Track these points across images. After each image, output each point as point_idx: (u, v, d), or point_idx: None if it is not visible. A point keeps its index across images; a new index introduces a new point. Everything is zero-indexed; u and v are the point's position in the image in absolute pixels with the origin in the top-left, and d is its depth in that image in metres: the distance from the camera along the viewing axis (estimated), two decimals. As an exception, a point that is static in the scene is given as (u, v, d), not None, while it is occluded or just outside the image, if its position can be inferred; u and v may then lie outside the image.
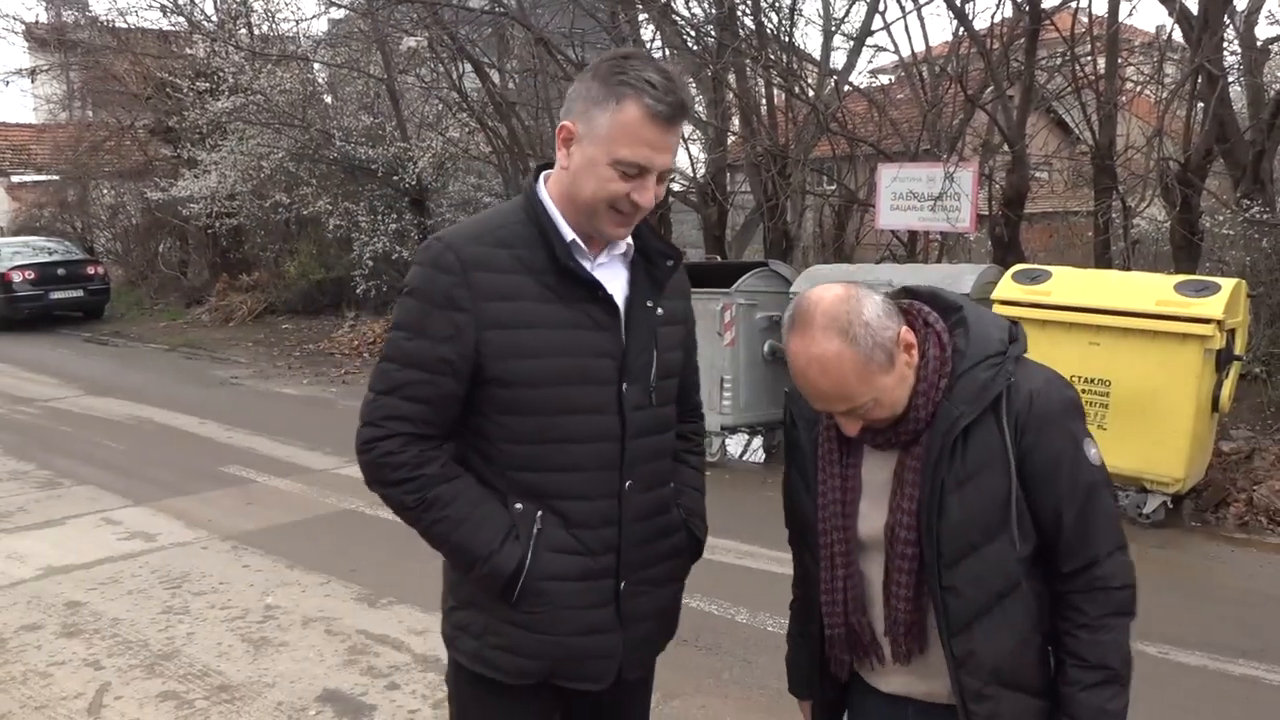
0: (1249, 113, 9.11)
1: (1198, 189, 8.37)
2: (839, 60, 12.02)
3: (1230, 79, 8.85)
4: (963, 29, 9.11)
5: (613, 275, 1.87)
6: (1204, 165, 8.50)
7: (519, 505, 1.82)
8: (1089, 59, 9.19)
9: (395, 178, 13.80)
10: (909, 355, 1.67)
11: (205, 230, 17.18)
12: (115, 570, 5.39)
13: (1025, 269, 6.33)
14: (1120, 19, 8.64)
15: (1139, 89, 10.22)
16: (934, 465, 1.66)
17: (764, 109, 11.21)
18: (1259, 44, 8.98)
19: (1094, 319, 5.68)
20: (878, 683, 1.83)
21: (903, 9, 12.25)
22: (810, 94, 10.80)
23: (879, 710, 1.84)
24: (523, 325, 1.77)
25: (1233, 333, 5.61)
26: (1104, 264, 8.46)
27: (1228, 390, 5.69)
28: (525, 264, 1.79)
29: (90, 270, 17.71)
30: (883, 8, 11.00)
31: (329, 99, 16.00)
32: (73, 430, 9.01)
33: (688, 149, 12.64)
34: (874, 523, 1.74)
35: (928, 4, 23.34)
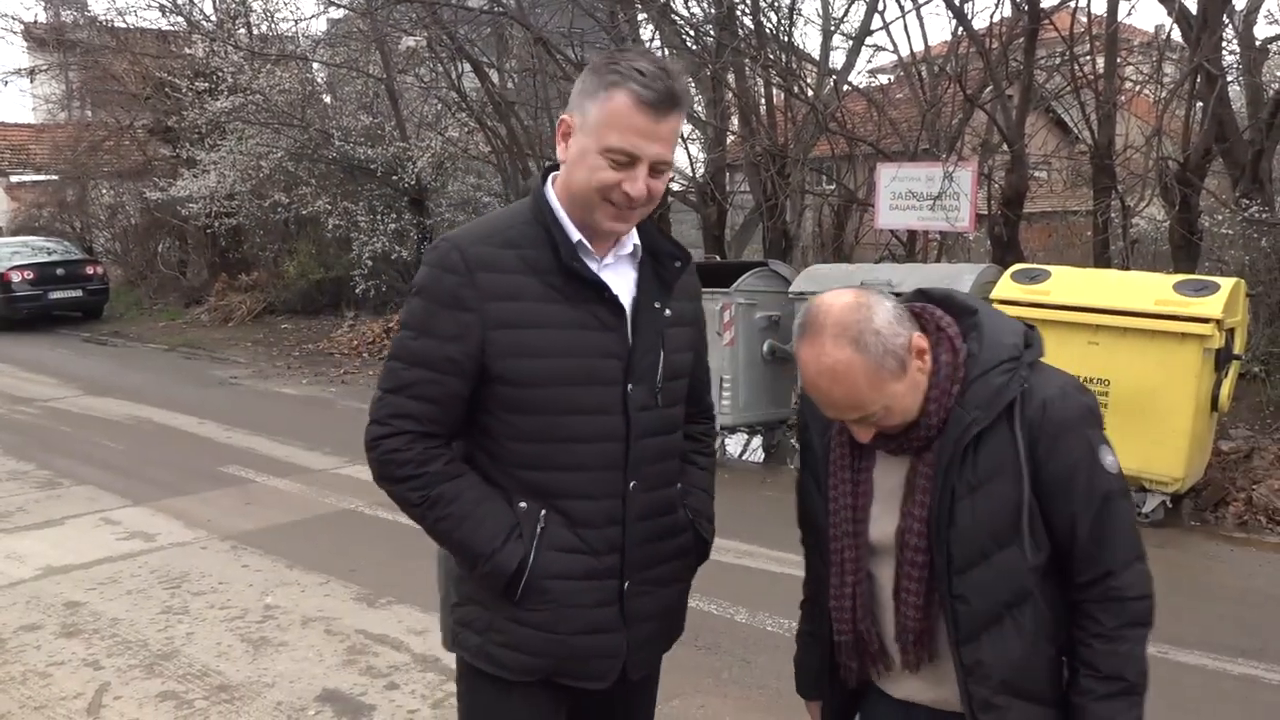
0: (1248, 112, 9.11)
1: (1197, 188, 8.37)
2: (838, 60, 12.07)
3: (1229, 78, 8.86)
4: (962, 28, 9.12)
5: (620, 276, 1.86)
6: (1203, 165, 8.50)
7: (523, 504, 1.83)
8: (1088, 58, 9.19)
9: (394, 177, 13.81)
10: (921, 361, 1.65)
11: (204, 230, 17.18)
12: (114, 570, 5.39)
13: (1024, 268, 6.33)
14: (1119, 18, 8.65)
15: (1138, 88, 10.23)
16: (945, 471, 1.65)
17: (763, 109, 11.21)
18: (1258, 43, 8.99)
19: (1093, 318, 5.68)
20: (889, 688, 1.81)
21: (902, 8, 12.28)
22: (809, 93, 10.81)
23: (890, 715, 1.83)
24: (528, 325, 1.78)
25: (1232, 332, 5.61)
26: (1103, 263, 8.46)
27: (1227, 389, 5.69)
28: (531, 264, 1.79)
29: (89, 270, 17.70)
30: (882, 7, 11.02)
31: (328, 99, 16.00)
32: (72, 430, 9.01)
33: (687, 149, 12.66)
34: (885, 528, 1.73)
35: (927, 4, 23.36)
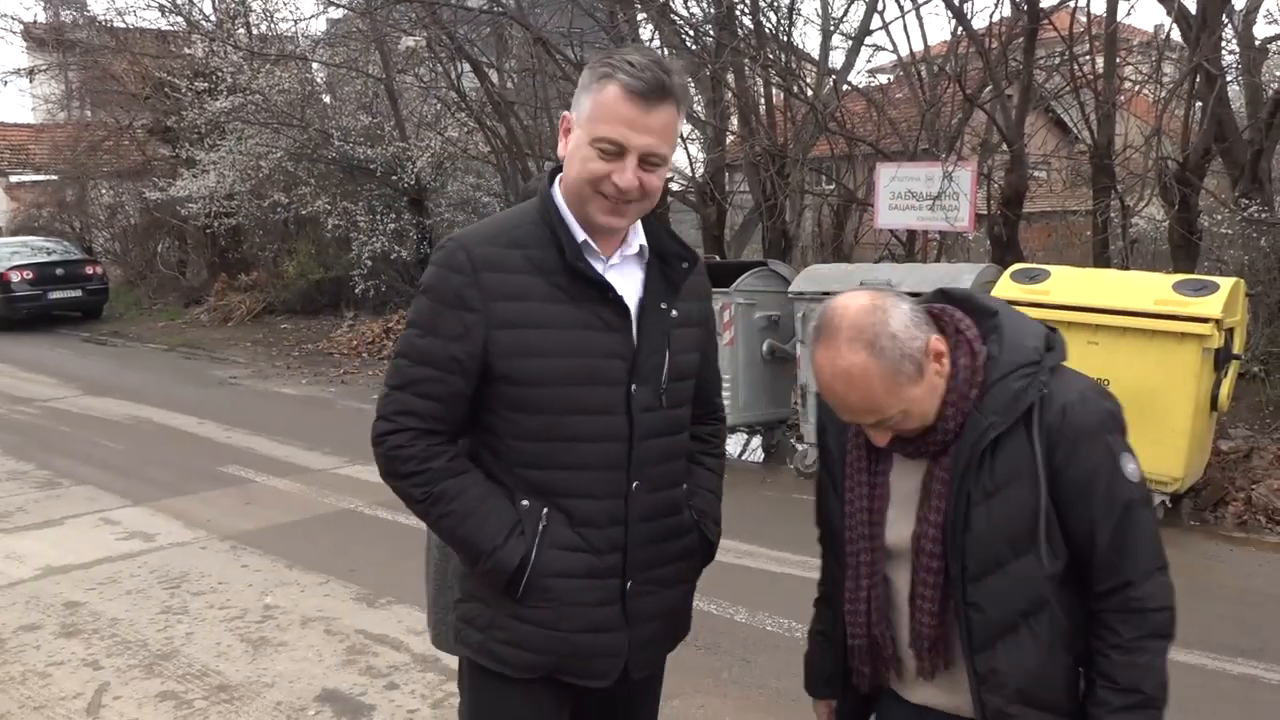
0: (1247, 112, 9.11)
1: (1196, 188, 8.37)
2: (837, 59, 12.07)
3: (1228, 78, 8.86)
4: (961, 28, 9.12)
5: (626, 276, 1.87)
6: (1202, 164, 8.50)
7: (525, 502, 1.84)
8: (1087, 58, 9.19)
9: (394, 177, 13.80)
10: (939, 364, 1.62)
11: (204, 230, 17.18)
12: (114, 570, 5.39)
13: (1024, 268, 6.33)
14: (1119, 18, 8.64)
15: (1137, 88, 10.22)
16: (961, 476, 1.63)
17: (762, 108, 11.21)
18: (1257, 43, 8.99)
19: (1092, 318, 5.68)
20: (904, 692, 1.80)
21: (901, 8, 12.27)
22: (809, 93, 10.80)
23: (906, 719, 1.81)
24: (531, 325, 1.78)
25: (1231, 332, 5.62)
26: (1102, 263, 8.46)
27: (1226, 389, 5.69)
28: (536, 264, 1.80)
29: (89, 270, 17.70)
30: (881, 7, 11.02)
31: (327, 99, 16.00)
32: (71, 430, 9.01)
33: (686, 149, 12.65)
34: (901, 531, 1.71)
35: (926, 3, 23.41)
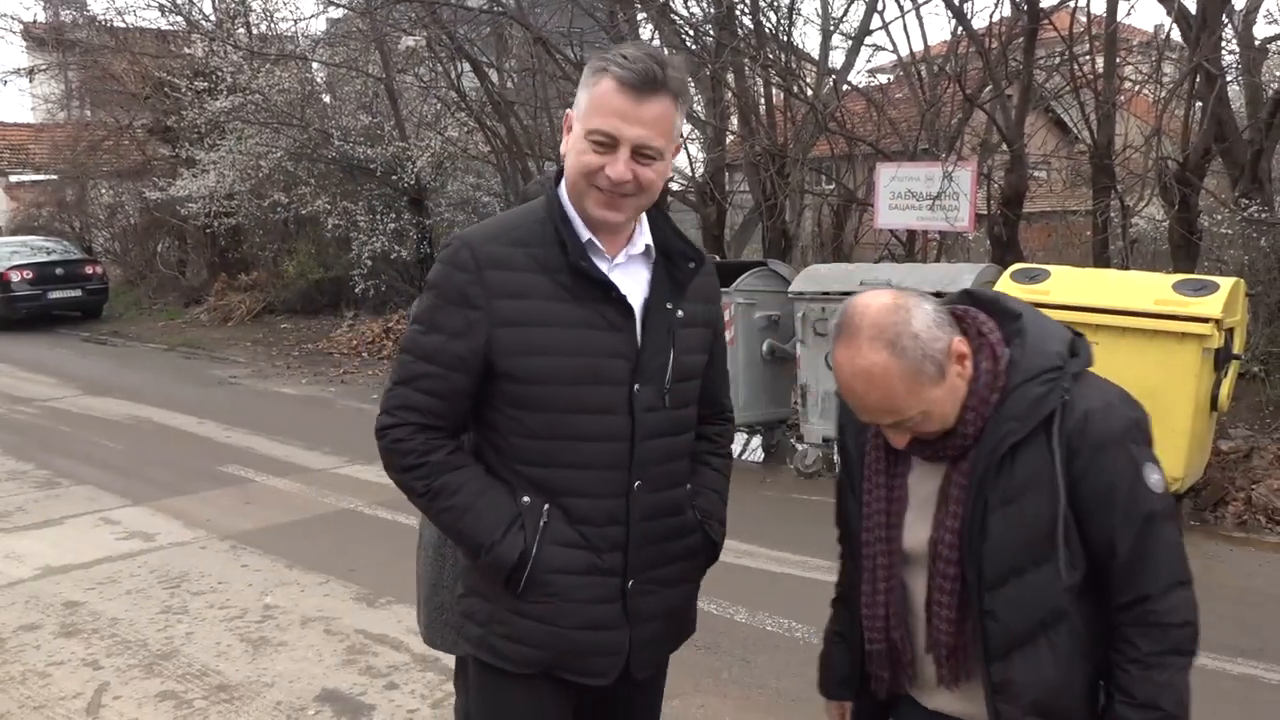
0: (1247, 112, 9.11)
1: (1196, 188, 8.37)
2: (837, 59, 12.07)
3: (1228, 78, 8.86)
4: (961, 28, 9.12)
5: (631, 276, 1.87)
6: (1202, 164, 8.50)
7: (527, 498, 1.84)
8: (1087, 58, 9.19)
9: (394, 177, 13.80)
10: (961, 366, 1.60)
11: (204, 230, 17.17)
12: (114, 570, 5.39)
13: (1024, 268, 6.33)
14: (1119, 18, 8.64)
15: (1137, 88, 10.22)
16: (979, 482, 1.60)
17: (762, 108, 11.20)
18: (1257, 43, 8.99)
19: (1092, 318, 5.67)
20: (921, 698, 1.77)
21: (901, 8, 12.28)
22: (809, 93, 10.80)
23: None
24: (533, 323, 1.79)
25: (1231, 332, 5.61)
26: (1102, 263, 8.46)
27: (1226, 389, 5.69)
28: (540, 263, 1.80)
29: (88, 270, 17.69)
30: (881, 7, 11.01)
31: (327, 98, 15.99)
32: (71, 430, 9.01)
33: (686, 149, 12.64)
34: (918, 536, 1.69)
35: (926, 3, 23.41)
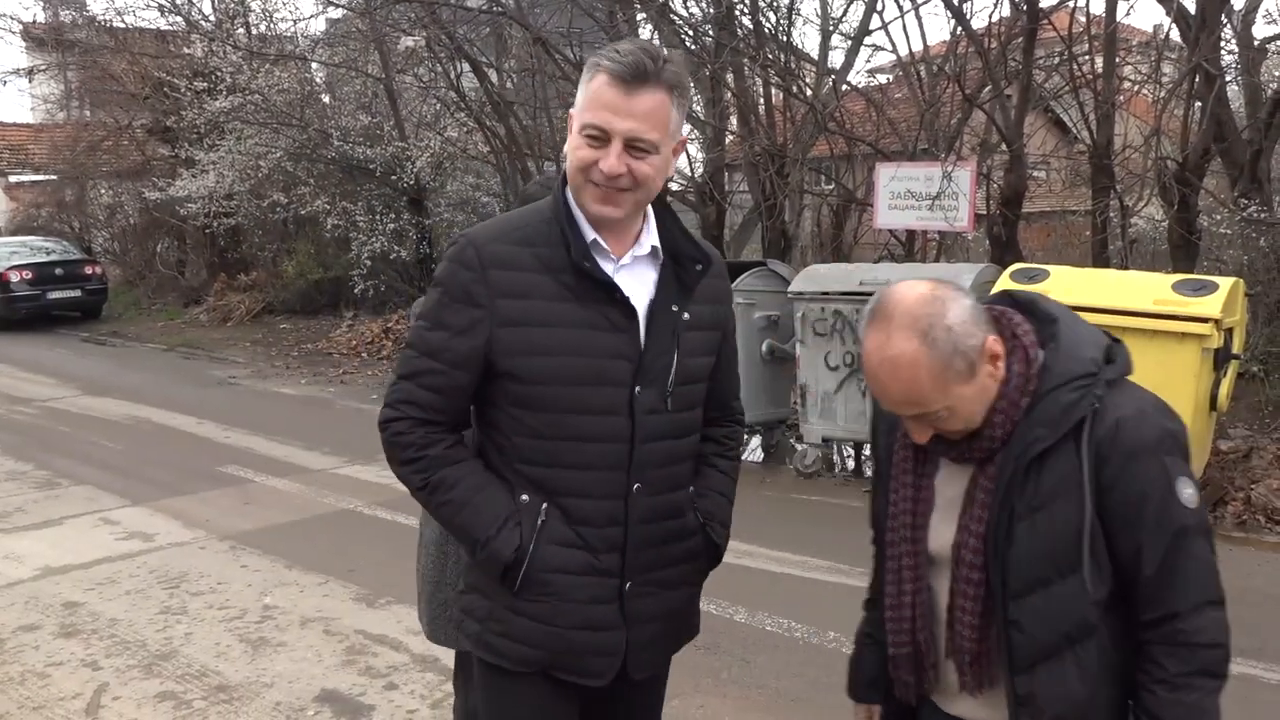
0: (1246, 112, 9.12)
1: (1195, 188, 8.37)
2: (837, 59, 12.07)
3: (1228, 78, 8.86)
4: (960, 28, 9.12)
5: (637, 277, 1.86)
6: (1201, 164, 8.50)
7: (525, 497, 1.84)
8: (1087, 58, 9.19)
9: (393, 177, 13.79)
10: (993, 367, 1.56)
11: (203, 230, 17.16)
12: (113, 570, 5.38)
13: (1023, 268, 6.33)
14: (1118, 18, 8.63)
15: (1137, 88, 10.21)
16: (1005, 488, 1.56)
17: (762, 108, 11.20)
18: (1256, 43, 8.99)
19: (1092, 318, 5.48)
20: (943, 703, 1.75)
21: (900, 8, 12.29)
22: (808, 93, 10.80)
23: None
24: (536, 323, 1.79)
25: (1230, 331, 5.62)
26: (1102, 263, 8.46)
27: (1225, 389, 5.69)
28: (545, 262, 1.80)
29: (88, 270, 17.68)
30: (880, 7, 11.02)
31: (327, 99, 15.97)
32: (70, 430, 9.00)
33: (685, 149, 12.62)
34: (943, 538, 1.66)
35: (925, 3, 23.40)
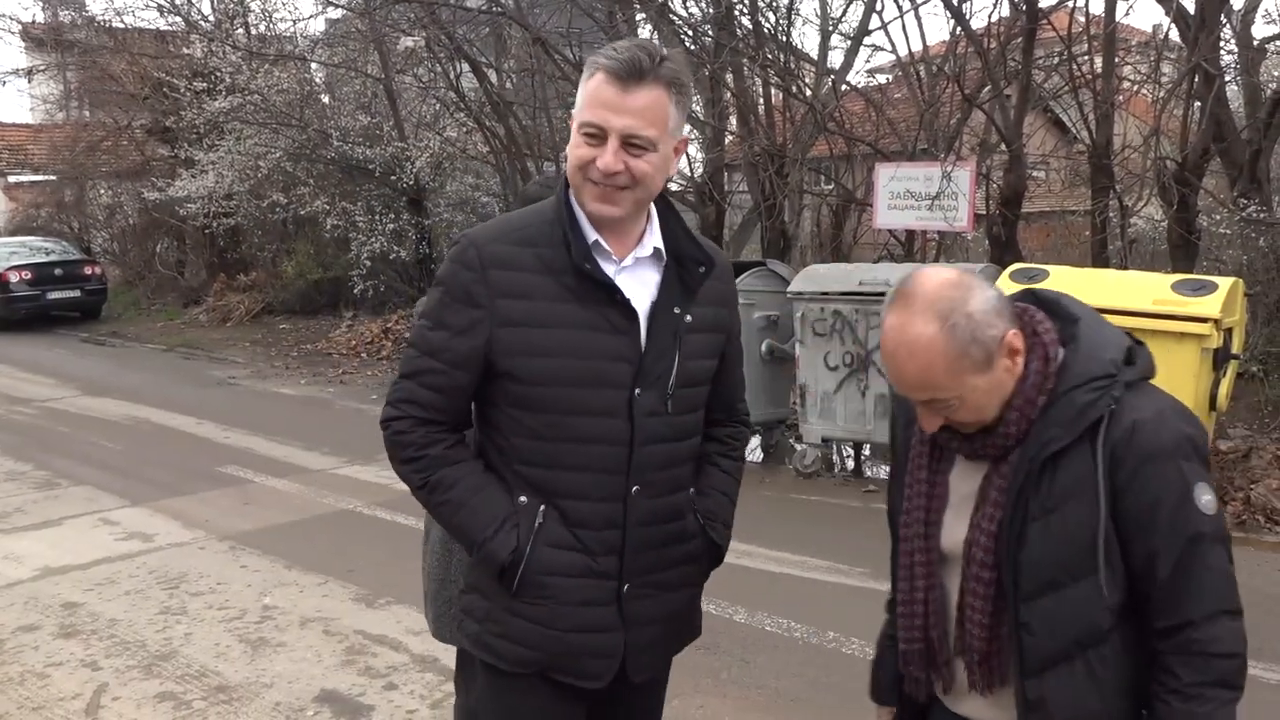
0: (1246, 112, 9.12)
1: (1195, 188, 8.37)
2: (836, 60, 12.07)
3: (1227, 78, 8.87)
4: (960, 28, 9.12)
5: (639, 279, 1.85)
6: (1201, 164, 8.50)
7: (523, 499, 1.84)
8: (1086, 58, 9.20)
9: (393, 177, 13.79)
10: (1011, 361, 1.54)
11: (202, 230, 17.16)
12: (112, 571, 5.38)
13: (1022, 268, 6.33)
14: (1117, 18, 8.64)
15: (1136, 88, 10.22)
16: (1019, 488, 1.55)
17: (761, 108, 11.21)
18: (1256, 43, 9.00)
19: (1091, 318, 5.68)
20: (951, 702, 1.74)
21: (900, 8, 12.30)
22: (808, 93, 10.81)
23: None
24: (535, 324, 1.79)
25: (1230, 331, 5.62)
26: (1101, 263, 8.47)
27: (1225, 389, 5.70)
28: (546, 263, 1.80)
29: (87, 270, 17.67)
30: (880, 7, 11.06)
31: (326, 99, 15.97)
32: (70, 431, 9.00)
33: (686, 150, 12.62)
34: (956, 535, 1.64)
35: (925, 3, 23.42)
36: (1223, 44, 8.69)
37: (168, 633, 4.57)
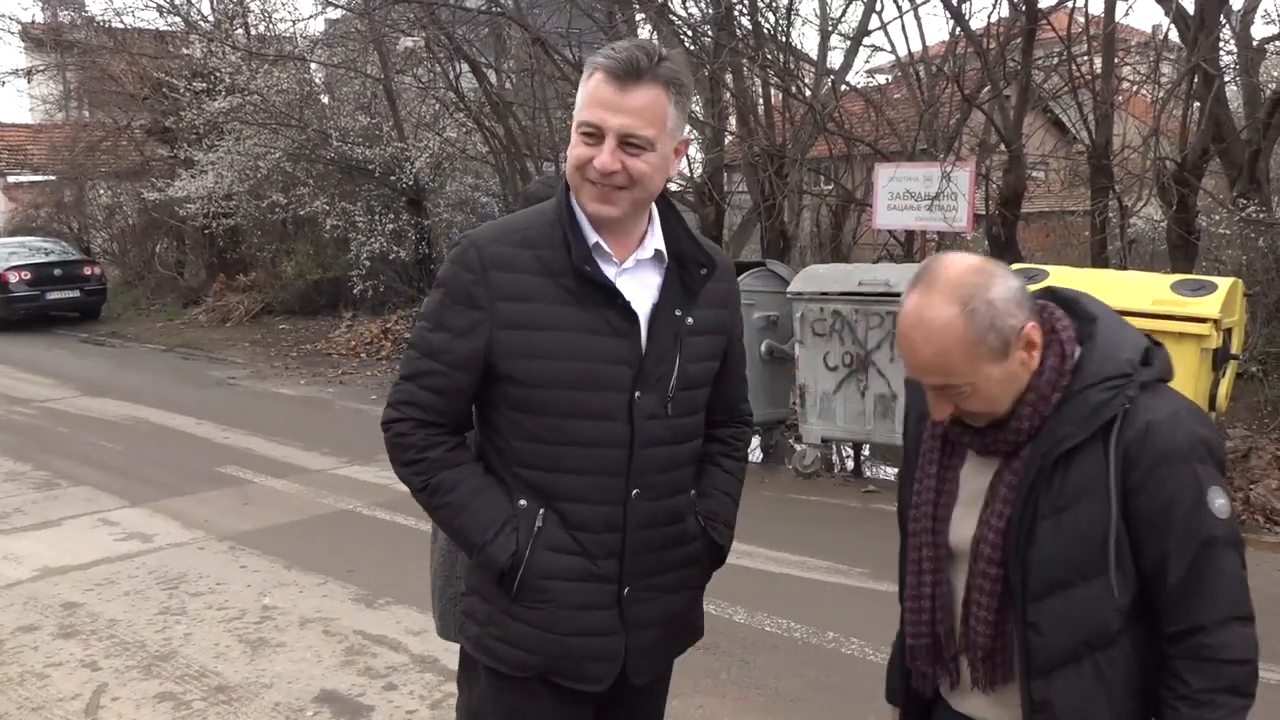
0: (1245, 112, 9.12)
1: (1194, 188, 8.37)
2: (836, 60, 12.06)
3: (1226, 78, 8.87)
4: (959, 29, 9.12)
5: (640, 281, 1.85)
6: (1200, 165, 8.50)
7: (523, 502, 1.84)
8: (1085, 58, 9.20)
9: (392, 178, 13.79)
10: (1027, 354, 1.53)
11: (202, 230, 17.16)
12: (112, 571, 5.38)
13: (1022, 268, 6.33)
14: (1117, 18, 8.64)
15: (1135, 88, 10.22)
16: (1030, 485, 1.54)
17: (761, 109, 11.21)
18: (1255, 43, 9.00)
19: (1091, 318, 5.68)
20: (954, 700, 1.73)
21: (899, 9, 12.31)
22: (807, 94, 10.80)
23: None
24: (535, 326, 1.78)
25: (1229, 332, 5.62)
26: (1101, 263, 8.47)
27: (1224, 389, 5.70)
28: (546, 265, 1.79)
29: (87, 270, 17.68)
30: (879, 7, 11.06)
31: (326, 99, 15.97)
32: (69, 431, 9.00)
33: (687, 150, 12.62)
34: (964, 532, 1.63)
35: (924, 4, 23.43)
36: (1222, 44, 8.69)
37: (167, 633, 4.57)
